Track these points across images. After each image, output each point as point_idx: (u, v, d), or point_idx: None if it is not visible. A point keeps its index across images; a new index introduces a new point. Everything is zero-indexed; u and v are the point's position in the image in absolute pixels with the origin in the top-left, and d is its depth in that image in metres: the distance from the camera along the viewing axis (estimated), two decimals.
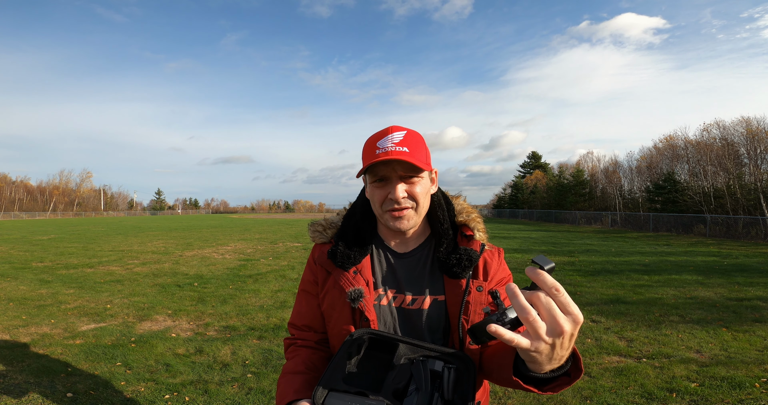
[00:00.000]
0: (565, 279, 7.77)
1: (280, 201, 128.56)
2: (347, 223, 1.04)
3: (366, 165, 0.91)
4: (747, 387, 3.15)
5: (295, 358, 0.98)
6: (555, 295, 0.61)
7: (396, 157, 0.87)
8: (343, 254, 0.97)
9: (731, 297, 6.16)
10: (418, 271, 1.00)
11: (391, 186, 0.92)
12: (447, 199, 1.06)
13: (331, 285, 0.99)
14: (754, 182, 22.64)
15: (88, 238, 18.46)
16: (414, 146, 0.92)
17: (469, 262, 0.94)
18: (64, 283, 7.44)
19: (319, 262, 1.03)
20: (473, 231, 1.01)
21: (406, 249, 1.02)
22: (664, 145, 30.96)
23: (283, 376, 0.94)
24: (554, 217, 35.94)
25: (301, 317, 1.06)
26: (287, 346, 1.07)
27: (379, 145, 0.91)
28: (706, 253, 12.19)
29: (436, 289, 0.97)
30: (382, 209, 0.95)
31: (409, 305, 0.97)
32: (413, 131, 0.96)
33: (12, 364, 3.68)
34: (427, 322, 0.95)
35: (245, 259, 10.71)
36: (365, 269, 0.98)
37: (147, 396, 3.07)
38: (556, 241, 16.18)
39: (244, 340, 4.30)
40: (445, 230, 1.00)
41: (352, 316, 0.94)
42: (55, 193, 79.69)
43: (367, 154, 0.94)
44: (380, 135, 0.94)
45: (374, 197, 0.95)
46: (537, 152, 57.78)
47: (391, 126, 0.96)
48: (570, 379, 0.72)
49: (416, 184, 0.93)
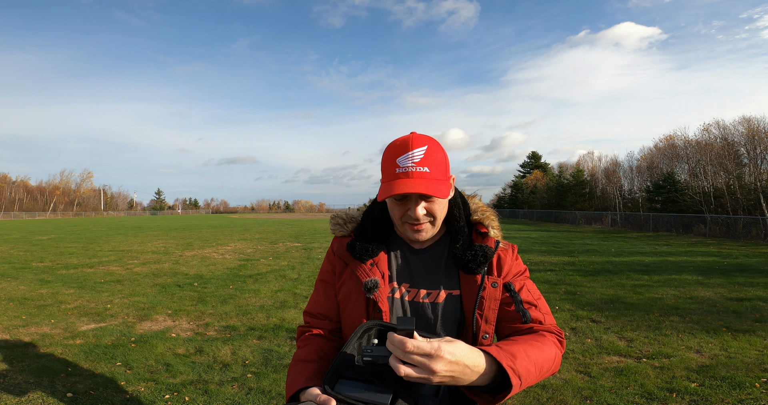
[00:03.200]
0: (565, 279, 7.78)
1: (280, 201, 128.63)
2: (367, 218, 1.07)
3: (387, 193, 0.89)
4: (747, 387, 3.15)
5: (307, 347, 0.99)
6: (403, 356, 0.69)
7: (417, 191, 0.87)
8: (362, 247, 1.00)
9: (731, 297, 6.16)
10: (434, 267, 1.02)
11: (411, 204, 0.94)
12: (463, 198, 1.09)
13: (348, 276, 1.02)
14: (754, 182, 22.65)
15: (88, 238, 18.47)
16: (434, 164, 0.91)
17: (484, 258, 0.96)
18: (64, 283, 7.44)
19: (338, 254, 1.06)
20: (488, 228, 1.03)
21: (422, 246, 1.05)
22: (664, 145, 30.98)
23: (295, 363, 0.94)
24: (554, 217, 35.94)
25: (317, 306, 1.09)
26: (300, 333, 1.09)
27: (399, 163, 0.90)
28: (706, 253, 12.18)
29: (451, 284, 1.00)
30: (401, 221, 0.98)
31: (423, 299, 0.99)
32: (434, 144, 0.94)
33: (12, 364, 3.68)
34: (442, 316, 0.98)
35: (245, 259, 10.71)
36: (382, 262, 1.01)
37: (147, 396, 3.07)
38: (556, 241, 16.18)
39: (244, 340, 4.30)
40: (461, 228, 1.02)
41: (366, 307, 0.97)
42: (55, 193, 79.70)
43: (386, 170, 0.93)
44: (400, 149, 0.91)
45: (394, 211, 0.98)
46: (537, 152, 57.76)
47: (411, 136, 0.93)
48: (506, 392, 0.76)
49: (435, 202, 0.95)
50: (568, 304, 5.84)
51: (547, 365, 0.84)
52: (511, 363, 0.75)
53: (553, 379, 3.36)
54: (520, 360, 0.77)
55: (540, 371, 0.82)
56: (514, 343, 0.83)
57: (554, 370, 0.88)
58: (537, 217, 39.83)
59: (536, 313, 0.97)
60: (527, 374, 0.77)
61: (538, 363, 0.81)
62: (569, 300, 6.07)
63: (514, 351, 0.79)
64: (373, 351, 0.73)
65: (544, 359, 0.83)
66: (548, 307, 1.02)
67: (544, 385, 3.23)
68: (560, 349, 0.92)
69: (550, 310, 1.08)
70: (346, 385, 0.75)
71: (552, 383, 3.27)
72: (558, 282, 7.49)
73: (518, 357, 0.78)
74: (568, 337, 4.40)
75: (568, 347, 4.07)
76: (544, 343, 0.88)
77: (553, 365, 0.87)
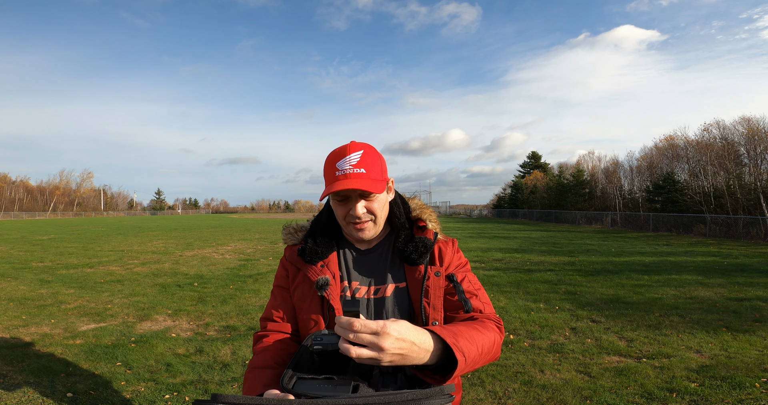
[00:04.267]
0: (565, 279, 7.78)
1: (280, 201, 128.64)
2: (315, 225, 1.14)
3: (327, 191, 0.99)
4: (747, 387, 3.15)
5: (264, 353, 1.01)
6: (352, 336, 0.71)
7: (353, 187, 0.95)
8: (311, 250, 1.07)
9: (731, 297, 6.16)
10: (381, 264, 1.08)
11: (352, 204, 1.01)
12: (403, 199, 1.18)
13: (300, 279, 1.07)
14: (754, 182, 22.64)
15: (88, 238, 18.47)
16: (370, 166, 1.00)
17: (424, 249, 1.04)
18: (64, 283, 7.44)
19: (290, 260, 1.12)
20: (426, 222, 1.12)
21: (369, 246, 1.12)
22: (664, 145, 30.96)
23: (251, 370, 0.96)
24: (554, 217, 35.93)
25: (274, 311, 1.13)
26: (257, 339, 1.11)
27: (338, 166, 0.99)
28: (706, 253, 12.19)
29: (397, 277, 1.06)
30: (345, 222, 1.05)
31: (373, 295, 1.05)
32: (370, 149, 1.04)
33: (12, 364, 3.68)
34: (392, 309, 1.04)
35: (245, 259, 10.72)
36: (332, 264, 1.07)
37: (147, 396, 3.07)
38: (556, 241, 16.17)
39: (244, 340, 4.30)
40: (402, 224, 1.10)
41: (321, 307, 1.02)
42: (55, 193, 79.69)
43: (327, 174, 1.02)
44: (339, 155, 1.01)
45: (337, 212, 1.05)
46: (537, 152, 57.67)
47: (350, 144, 1.02)
48: (454, 370, 0.78)
49: (374, 201, 1.02)
50: (568, 304, 5.84)
51: (488, 346, 0.89)
52: (454, 340, 0.78)
53: (553, 379, 3.36)
54: (462, 339, 0.81)
55: (482, 351, 0.85)
56: (456, 325, 0.89)
57: (495, 353, 0.93)
58: (537, 217, 39.82)
59: (477, 303, 1.04)
60: (470, 352, 0.80)
61: (479, 344, 0.85)
62: (569, 300, 6.07)
63: (455, 331, 0.83)
64: (323, 339, 0.74)
65: (484, 341, 0.88)
66: (488, 297, 1.10)
67: (544, 385, 3.23)
68: (500, 335, 0.97)
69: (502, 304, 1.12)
70: (306, 385, 0.75)
71: (552, 383, 3.27)
72: (558, 282, 7.49)
73: (460, 335, 0.81)
74: (568, 337, 4.40)
75: (568, 347, 4.07)
76: (484, 327, 0.93)
77: (493, 348, 0.91)
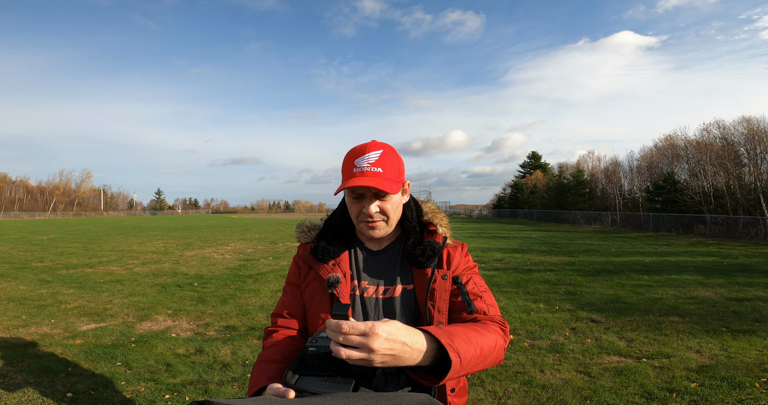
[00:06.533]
0: (565, 279, 7.78)
1: (280, 201, 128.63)
2: (328, 225, 1.16)
3: (342, 187, 1.00)
4: (747, 387, 3.15)
5: (272, 347, 1.03)
6: (341, 338, 0.70)
7: (368, 185, 0.97)
8: (324, 249, 1.09)
9: (731, 297, 6.16)
10: (391, 265, 1.10)
11: (366, 202, 1.02)
12: (416, 202, 1.20)
13: (312, 277, 1.10)
14: (754, 182, 22.64)
15: (88, 238, 18.46)
16: (388, 166, 1.01)
17: (432, 252, 1.05)
18: (64, 283, 7.44)
19: (303, 258, 1.14)
20: (437, 226, 1.13)
21: (380, 247, 1.14)
22: (664, 145, 30.96)
23: (259, 363, 0.97)
24: (554, 217, 35.93)
25: (285, 307, 1.14)
26: (267, 334, 1.12)
27: (356, 163, 1.01)
28: (706, 253, 12.19)
29: (405, 279, 1.08)
30: (357, 220, 1.07)
31: (382, 295, 1.07)
32: (389, 149, 1.05)
33: (12, 364, 3.68)
34: (399, 310, 1.05)
35: (245, 259, 10.72)
36: (343, 262, 1.09)
37: (147, 396, 3.07)
38: (556, 241, 16.17)
39: (244, 340, 4.30)
40: (413, 227, 1.12)
41: (330, 304, 1.04)
42: (55, 193, 79.68)
43: (345, 170, 1.03)
44: (359, 152, 1.02)
45: (351, 209, 1.07)
46: (537, 152, 57.68)
47: (371, 142, 1.04)
48: (449, 371, 0.76)
49: (388, 201, 1.04)
50: (568, 304, 5.84)
51: (488, 349, 0.86)
52: (449, 340, 0.77)
53: (553, 379, 3.36)
54: (458, 339, 0.79)
55: (481, 353, 0.83)
56: (454, 326, 0.87)
57: (498, 356, 0.90)
58: (537, 217, 39.82)
59: (481, 304, 1.03)
60: (466, 353, 0.78)
61: (478, 345, 0.83)
62: (569, 300, 6.07)
63: (452, 331, 0.81)
64: (317, 341, 0.75)
65: (484, 343, 0.85)
66: (494, 300, 1.08)
67: (544, 385, 3.23)
68: (503, 338, 0.94)
69: (500, 305, 1.11)
70: (308, 381, 0.76)
71: (552, 383, 3.27)
72: (558, 282, 7.49)
73: (456, 336, 0.80)
74: (568, 337, 4.40)
75: (568, 347, 4.07)
76: (485, 329, 0.91)
77: (495, 350, 0.89)
